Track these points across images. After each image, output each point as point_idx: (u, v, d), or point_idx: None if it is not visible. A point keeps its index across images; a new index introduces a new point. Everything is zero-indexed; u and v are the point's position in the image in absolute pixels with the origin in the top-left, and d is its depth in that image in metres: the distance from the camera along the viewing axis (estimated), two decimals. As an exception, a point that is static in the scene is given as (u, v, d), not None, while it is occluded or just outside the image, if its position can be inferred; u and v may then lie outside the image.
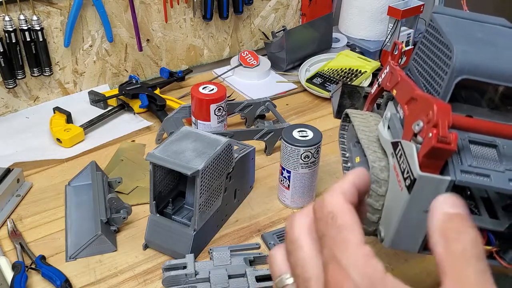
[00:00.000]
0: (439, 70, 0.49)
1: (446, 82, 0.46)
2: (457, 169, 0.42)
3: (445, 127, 0.39)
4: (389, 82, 0.59)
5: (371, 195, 0.51)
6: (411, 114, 0.47)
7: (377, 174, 0.50)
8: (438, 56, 0.51)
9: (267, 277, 0.70)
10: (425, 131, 0.41)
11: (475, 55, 0.46)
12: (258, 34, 1.40)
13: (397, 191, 0.46)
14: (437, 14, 0.54)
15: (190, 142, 0.74)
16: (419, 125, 0.42)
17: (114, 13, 1.13)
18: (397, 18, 1.23)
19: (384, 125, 0.53)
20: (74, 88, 1.16)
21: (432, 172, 0.41)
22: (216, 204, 0.77)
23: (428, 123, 0.41)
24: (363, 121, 0.60)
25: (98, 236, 0.74)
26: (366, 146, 0.54)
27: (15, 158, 0.94)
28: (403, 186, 0.45)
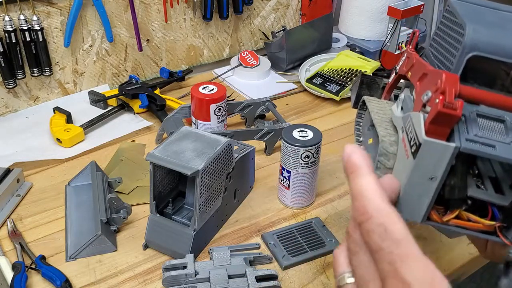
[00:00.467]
0: (452, 48, 0.51)
1: (458, 58, 0.48)
2: (463, 137, 0.43)
3: (452, 94, 0.41)
4: (405, 66, 0.60)
5: (379, 167, 0.51)
6: (422, 87, 0.48)
7: (386, 147, 0.50)
8: (451, 36, 0.53)
9: (267, 277, 0.70)
10: (433, 99, 0.42)
11: (487, 34, 0.48)
12: (258, 34, 1.40)
13: (404, 160, 0.47)
14: (455, 1, 0.56)
15: (190, 142, 0.74)
16: (428, 95, 0.43)
17: (114, 13, 1.13)
18: (397, 18, 1.23)
19: (398, 106, 0.54)
20: (74, 88, 1.16)
21: (438, 139, 0.42)
22: (216, 204, 0.77)
23: (436, 92, 0.42)
24: (378, 105, 0.60)
25: (98, 236, 0.74)
26: (378, 124, 0.55)
27: (15, 158, 0.94)
28: (409, 153, 0.45)
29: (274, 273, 0.70)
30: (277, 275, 0.70)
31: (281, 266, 0.74)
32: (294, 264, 0.75)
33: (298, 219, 0.84)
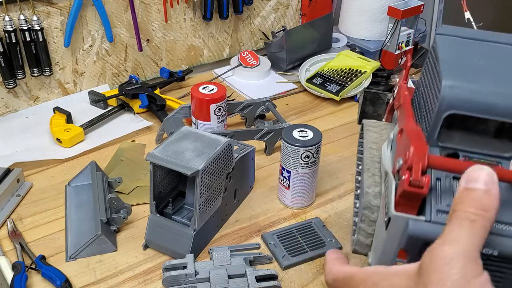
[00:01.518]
0: (432, 101, 0.49)
1: (435, 116, 0.46)
2: (434, 208, 0.42)
3: (418, 171, 0.40)
4: (396, 100, 0.59)
5: (363, 220, 0.51)
6: (398, 147, 0.47)
7: (370, 200, 0.50)
8: (433, 85, 0.50)
9: (267, 277, 0.70)
10: (402, 171, 0.42)
11: (466, 90, 0.45)
12: (258, 34, 1.40)
13: (382, 224, 0.46)
14: (440, 36, 0.53)
15: (190, 142, 0.74)
16: (399, 162, 0.43)
17: (114, 13, 1.13)
18: (397, 18, 1.23)
19: (388, 146, 0.53)
20: (74, 88, 1.16)
21: (408, 212, 0.41)
22: (216, 204, 0.77)
23: (405, 163, 0.41)
24: (374, 136, 0.59)
25: (98, 236, 0.74)
26: (367, 168, 0.54)
27: (15, 158, 0.94)
28: (383, 221, 0.45)
29: (274, 273, 0.70)
30: (277, 275, 0.70)
31: (281, 266, 0.74)
32: (294, 264, 0.75)
33: (298, 219, 0.84)
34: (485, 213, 0.36)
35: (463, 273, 0.33)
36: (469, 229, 0.35)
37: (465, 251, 0.34)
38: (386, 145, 0.54)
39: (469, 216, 0.36)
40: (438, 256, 0.34)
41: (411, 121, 0.48)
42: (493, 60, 0.49)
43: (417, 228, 0.41)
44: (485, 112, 0.44)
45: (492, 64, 0.48)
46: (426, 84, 0.53)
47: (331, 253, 0.51)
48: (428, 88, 0.51)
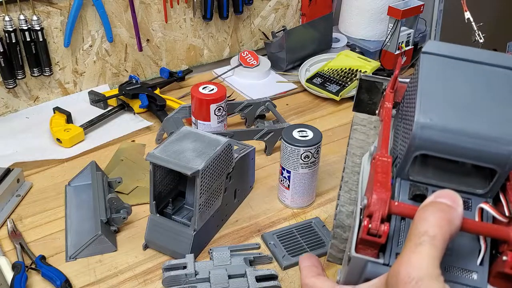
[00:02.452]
0: (408, 131, 0.46)
1: (405, 151, 0.44)
2: (394, 251, 0.42)
3: (378, 220, 0.40)
4: (381, 111, 0.57)
5: (336, 237, 0.51)
6: (369, 180, 0.46)
7: (343, 220, 0.50)
8: (411, 113, 0.47)
9: (267, 277, 0.70)
10: (364, 214, 0.42)
11: (439, 131, 0.42)
12: (258, 34, 1.40)
13: (347, 253, 0.46)
14: (425, 56, 0.48)
15: (190, 142, 0.74)
16: (364, 202, 0.42)
17: (114, 13, 1.13)
18: (397, 18, 1.23)
19: (368, 159, 0.52)
20: (74, 88, 1.16)
21: (369, 254, 0.41)
22: (216, 204, 0.77)
23: (367, 208, 0.41)
24: (361, 138, 0.58)
25: (98, 236, 0.74)
26: (345, 181, 0.53)
27: (15, 158, 0.94)
28: (347, 252, 0.45)
29: (274, 273, 0.70)
30: (277, 275, 0.70)
31: (281, 266, 0.74)
32: (294, 264, 0.75)
33: (298, 219, 0.84)
34: (449, 226, 0.36)
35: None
36: (430, 247, 0.36)
37: (428, 271, 0.35)
38: (367, 158, 0.53)
39: (429, 231, 0.36)
40: (402, 280, 0.35)
41: (384, 152, 0.46)
42: (480, 90, 0.46)
43: (374, 270, 0.41)
44: (458, 155, 0.42)
45: (478, 95, 0.45)
46: (408, 103, 0.50)
47: (304, 259, 0.50)
48: (408, 111, 0.49)
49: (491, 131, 0.42)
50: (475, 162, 0.42)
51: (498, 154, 0.41)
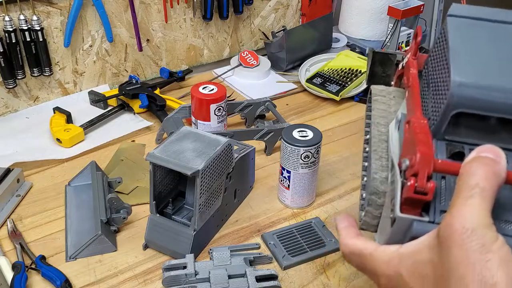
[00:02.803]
0: (441, 93, 0.47)
1: (442, 112, 0.45)
2: (438, 209, 0.42)
3: (423, 178, 0.40)
4: (405, 78, 0.57)
5: (371, 204, 0.51)
6: (406, 142, 0.46)
7: (377, 186, 0.50)
8: (441, 75, 0.48)
9: (267, 277, 0.70)
10: (408, 173, 0.42)
11: (476, 88, 0.43)
12: (258, 34, 1.40)
13: (387, 215, 0.47)
14: (452, 18, 0.49)
15: (190, 142, 0.74)
16: (405, 163, 0.43)
17: (114, 13, 1.13)
18: (397, 18, 1.23)
19: (395, 126, 0.53)
20: (74, 88, 1.16)
21: (413, 213, 0.42)
22: (216, 204, 0.77)
23: (411, 168, 0.41)
24: (382, 108, 0.59)
25: (98, 236, 0.74)
26: (374, 149, 0.54)
27: (15, 158, 0.94)
28: (389, 215, 0.46)
29: (274, 273, 0.70)
30: (277, 275, 0.70)
31: (281, 266, 0.74)
32: (294, 264, 0.75)
33: (298, 219, 0.84)
34: (496, 178, 0.38)
35: (482, 243, 0.35)
36: (481, 199, 0.37)
37: (481, 221, 0.36)
38: (393, 125, 0.53)
39: (479, 184, 0.37)
40: (456, 230, 0.36)
41: (419, 115, 0.47)
42: (508, 48, 0.47)
43: (420, 229, 0.42)
44: (496, 111, 0.44)
45: (507, 53, 0.46)
46: (435, 67, 0.51)
47: (342, 220, 0.50)
48: (437, 74, 0.49)
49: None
50: (511, 116, 0.43)
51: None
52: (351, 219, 0.51)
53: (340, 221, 0.50)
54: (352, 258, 0.47)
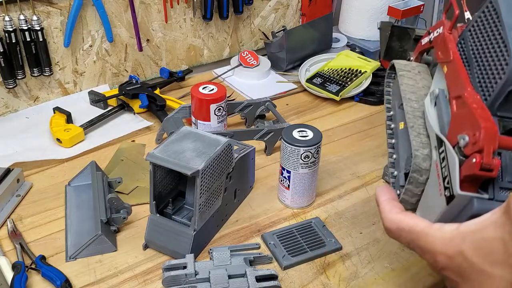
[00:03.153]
0: (494, 68, 0.46)
1: (499, 88, 0.44)
2: (496, 186, 0.42)
3: (490, 154, 0.39)
4: (441, 53, 0.55)
5: (411, 182, 0.50)
6: (458, 118, 0.45)
7: (419, 163, 0.49)
8: (494, 50, 0.47)
9: (267, 277, 0.70)
10: (469, 149, 0.41)
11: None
12: (258, 34, 1.40)
13: (436, 190, 0.46)
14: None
15: (190, 142, 0.74)
16: (465, 139, 0.42)
17: (114, 13, 1.13)
18: (397, 18, 1.23)
19: (431, 102, 0.52)
20: (74, 88, 1.16)
21: (471, 191, 0.41)
22: (216, 204, 0.77)
23: (474, 144, 0.40)
24: (410, 83, 0.57)
25: (98, 236, 0.74)
26: (411, 126, 0.52)
27: (15, 158, 0.94)
28: (443, 193, 0.45)
29: (274, 273, 0.70)
30: (277, 275, 0.70)
31: (281, 266, 0.74)
32: (294, 264, 0.75)
33: (298, 219, 0.84)
34: None
35: None
36: None
37: None
38: (429, 101, 0.52)
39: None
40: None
41: (471, 90, 0.45)
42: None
43: (481, 206, 0.41)
44: None
45: None
46: (481, 42, 0.50)
47: (383, 193, 0.47)
48: (486, 49, 0.48)
49: None
50: None
51: None
52: (392, 192, 0.48)
53: (381, 193, 0.48)
54: (401, 235, 0.45)
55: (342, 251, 0.77)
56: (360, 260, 0.76)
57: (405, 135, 0.56)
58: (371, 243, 0.79)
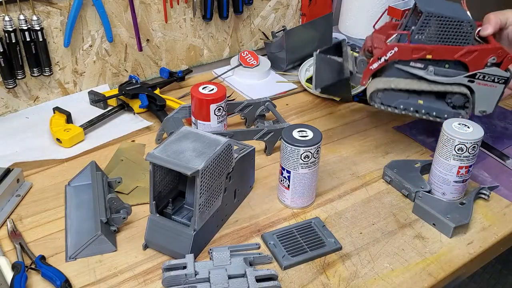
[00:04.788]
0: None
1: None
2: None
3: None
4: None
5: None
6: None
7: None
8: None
9: (267, 277, 0.70)
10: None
11: None
12: (258, 34, 1.40)
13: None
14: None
15: (190, 142, 0.74)
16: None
17: (114, 13, 1.13)
18: (397, 18, 1.23)
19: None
20: (74, 88, 1.16)
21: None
22: (216, 204, 0.77)
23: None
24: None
25: (98, 236, 0.74)
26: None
27: (15, 158, 0.94)
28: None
29: (274, 273, 0.70)
30: (277, 275, 0.70)
31: (281, 266, 0.74)
32: (294, 264, 0.75)
33: (298, 219, 0.84)
34: None
35: None
36: None
37: None
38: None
39: None
40: None
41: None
42: None
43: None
44: None
45: None
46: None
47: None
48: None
49: None
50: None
51: None
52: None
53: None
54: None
55: (342, 251, 0.77)
56: (360, 260, 0.76)
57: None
58: (371, 243, 0.79)
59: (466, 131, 0.80)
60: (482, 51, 0.85)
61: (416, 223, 0.83)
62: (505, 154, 1.00)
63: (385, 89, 0.89)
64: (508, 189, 0.91)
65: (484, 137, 0.87)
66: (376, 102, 0.91)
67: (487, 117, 1.11)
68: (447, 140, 0.80)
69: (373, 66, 0.85)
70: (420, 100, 0.90)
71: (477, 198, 0.88)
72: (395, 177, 0.90)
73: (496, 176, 0.95)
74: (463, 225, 0.80)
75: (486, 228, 0.83)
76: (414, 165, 0.92)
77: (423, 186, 0.87)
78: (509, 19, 0.90)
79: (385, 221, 0.83)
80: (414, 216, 0.85)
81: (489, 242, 0.80)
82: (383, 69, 0.87)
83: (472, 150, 0.79)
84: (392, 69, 0.88)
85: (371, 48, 0.90)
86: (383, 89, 0.88)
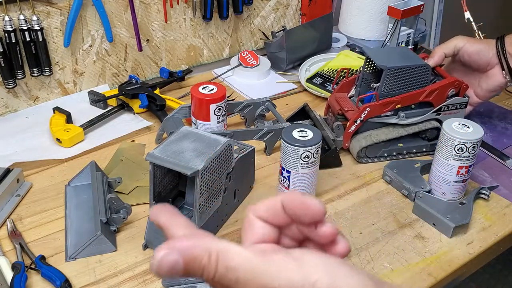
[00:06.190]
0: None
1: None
2: None
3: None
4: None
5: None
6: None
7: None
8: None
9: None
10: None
11: None
12: (258, 34, 1.40)
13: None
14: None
15: (190, 142, 0.74)
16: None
17: (114, 13, 1.13)
18: (397, 18, 1.23)
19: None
20: (74, 88, 1.16)
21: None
22: (216, 204, 0.77)
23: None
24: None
25: (98, 236, 0.74)
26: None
27: (15, 158, 0.94)
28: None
29: (274, 273, 0.70)
30: (277, 275, 0.70)
31: (281, 266, 0.74)
32: (294, 264, 0.74)
33: (298, 219, 0.84)
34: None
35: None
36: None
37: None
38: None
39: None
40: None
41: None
42: None
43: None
44: None
45: None
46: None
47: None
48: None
49: None
50: None
51: None
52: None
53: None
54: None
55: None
56: (360, 260, 0.76)
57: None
58: (371, 243, 0.79)
59: (466, 131, 0.80)
60: (442, 88, 0.94)
61: (416, 223, 0.83)
62: (505, 154, 1.00)
63: (369, 145, 0.94)
64: (508, 189, 0.91)
65: (484, 137, 0.88)
66: (363, 158, 0.97)
67: (487, 117, 1.11)
68: (447, 140, 0.80)
69: (351, 129, 0.94)
70: (400, 143, 0.97)
71: (477, 198, 0.88)
72: (395, 177, 0.90)
73: (496, 176, 0.95)
74: (463, 225, 0.80)
75: (486, 228, 0.83)
76: (414, 165, 0.92)
77: (423, 186, 0.87)
78: (456, 45, 0.98)
79: (385, 221, 0.83)
80: (414, 216, 0.85)
81: (489, 242, 0.80)
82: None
83: (472, 150, 0.79)
84: (367, 124, 0.95)
85: (340, 111, 0.96)
86: (367, 146, 0.94)
